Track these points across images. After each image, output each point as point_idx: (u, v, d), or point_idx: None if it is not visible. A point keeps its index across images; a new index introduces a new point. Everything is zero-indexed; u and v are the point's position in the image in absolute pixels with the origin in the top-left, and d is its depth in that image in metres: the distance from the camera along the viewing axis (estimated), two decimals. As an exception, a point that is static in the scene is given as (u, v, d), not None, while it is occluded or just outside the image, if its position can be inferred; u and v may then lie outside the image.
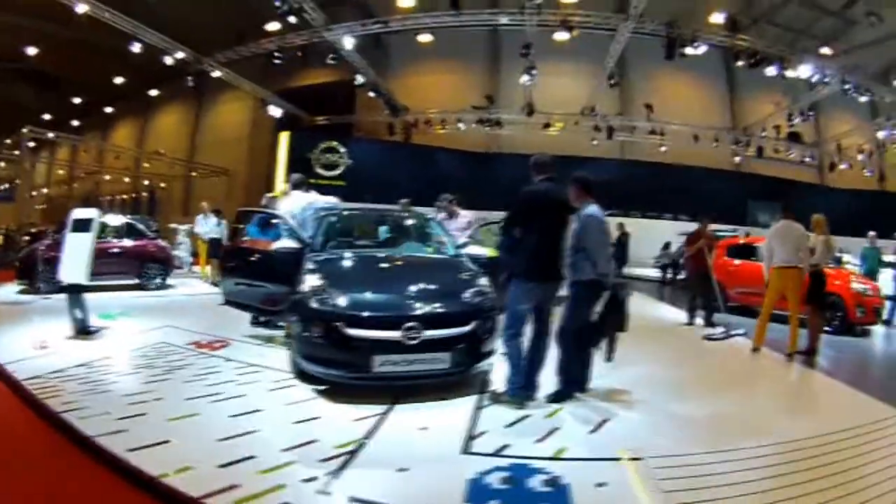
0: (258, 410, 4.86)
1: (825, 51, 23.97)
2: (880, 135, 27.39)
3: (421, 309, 5.42)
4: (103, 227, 11.66)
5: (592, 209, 5.55)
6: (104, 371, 6.00)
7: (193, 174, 35.52)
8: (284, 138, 26.37)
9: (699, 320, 10.45)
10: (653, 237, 22.18)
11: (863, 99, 24.43)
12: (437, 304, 5.55)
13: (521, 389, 5.31)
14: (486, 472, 3.82)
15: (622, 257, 16.86)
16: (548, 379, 5.53)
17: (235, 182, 32.47)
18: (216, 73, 24.28)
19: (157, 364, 6.36)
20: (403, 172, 24.38)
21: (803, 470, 4.01)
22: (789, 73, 21.15)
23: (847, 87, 21.85)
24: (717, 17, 22.11)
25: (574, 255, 5.45)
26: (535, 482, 3.72)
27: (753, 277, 10.63)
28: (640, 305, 12.78)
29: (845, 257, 15.57)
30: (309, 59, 22.47)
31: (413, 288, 5.82)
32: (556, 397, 5.43)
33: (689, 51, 19.83)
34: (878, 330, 11.73)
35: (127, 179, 39.80)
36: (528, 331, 5.51)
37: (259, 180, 28.44)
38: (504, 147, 28.14)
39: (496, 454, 4.15)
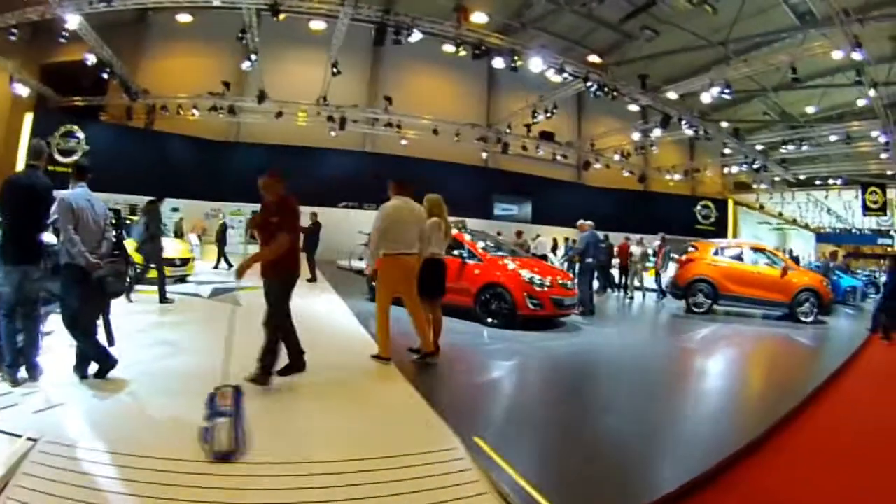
0: None
1: (593, 58, 23.75)
2: (635, 136, 28.77)
3: None
4: None
5: (67, 192, 5.62)
6: None
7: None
8: (28, 120, 23.62)
9: None
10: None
11: (633, 107, 25.43)
12: None
13: (9, 368, 5.30)
14: None
15: (314, 245, 16.26)
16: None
17: (-9, 166, 28.95)
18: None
19: None
20: (142, 160, 23.34)
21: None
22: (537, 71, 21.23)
23: (591, 86, 21.89)
24: (479, 17, 21.20)
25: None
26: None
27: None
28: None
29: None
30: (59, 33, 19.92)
31: None
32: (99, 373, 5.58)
33: (412, 39, 19.08)
34: (573, 320, 11.55)
35: None
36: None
37: (15, 166, 25.37)
38: (247, 136, 27.04)
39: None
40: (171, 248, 13.83)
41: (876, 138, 24.40)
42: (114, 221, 7.19)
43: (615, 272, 19.04)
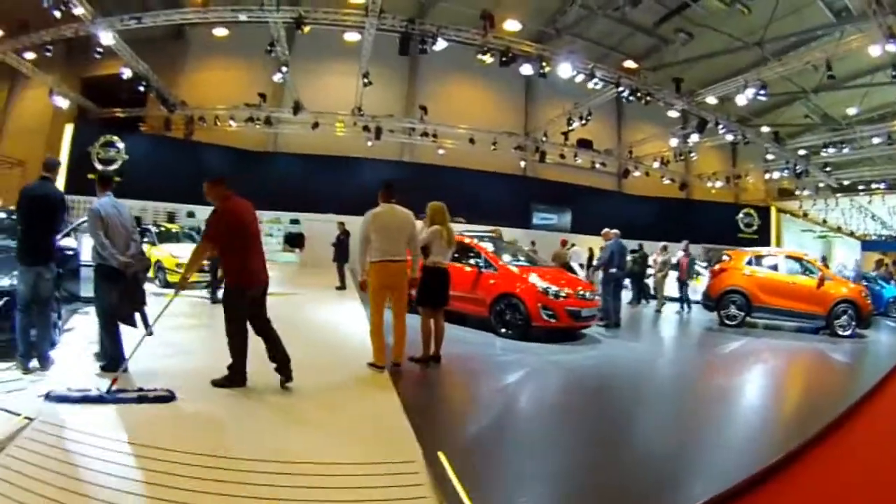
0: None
1: (629, 64, 23.70)
2: (673, 142, 27.99)
3: None
4: None
5: (96, 202, 6.12)
6: None
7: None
8: (68, 130, 24.30)
9: None
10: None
11: (673, 113, 24.72)
12: None
13: (21, 357, 5.87)
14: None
15: (344, 254, 16.75)
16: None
17: (32, 174, 29.66)
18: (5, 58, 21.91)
19: None
20: (181, 169, 23.29)
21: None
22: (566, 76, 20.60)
23: (622, 91, 21.53)
24: (512, 25, 21.19)
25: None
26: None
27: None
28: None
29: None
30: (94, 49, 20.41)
31: None
32: (107, 366, 6.00)
33: (437, 47, 18.80)
34: (595, 333, 11.28)
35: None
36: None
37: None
38: (284, 146, 27.41)
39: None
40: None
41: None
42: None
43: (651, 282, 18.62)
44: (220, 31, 22.93)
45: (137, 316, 6.20)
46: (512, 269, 10.61)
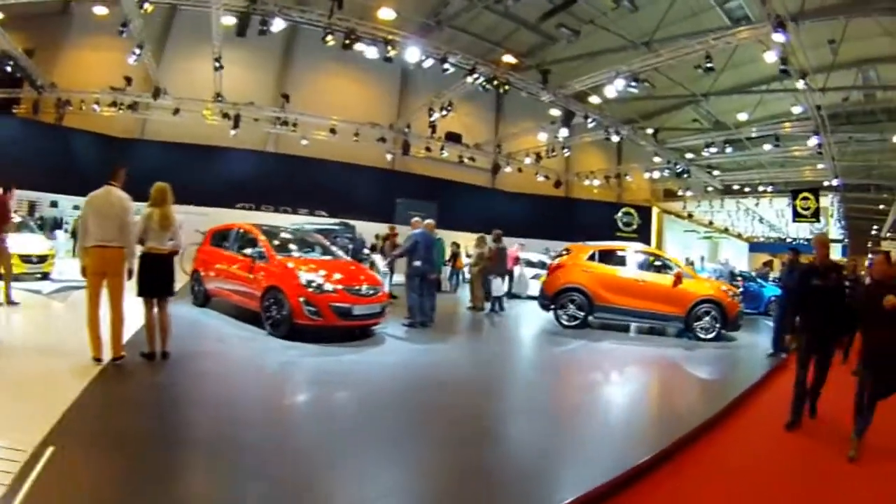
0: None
1: (508, 59, 23.39)
2: (542, 137, 27.94)
3: None
4: None
5: None
6: None
7: None
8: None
9: None
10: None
11: (555, 111, 24.68)
12: None
13: None
14: None
15: None
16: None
17: None
18: None
19: None
20: (48, 157, 22.97)
21: None
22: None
23: (477, 79, 21.15)
24: (387, 14, 20.70)
25: None
26: None
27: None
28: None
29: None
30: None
31: None
32: None
33: (275, 28, 18.19)
34: (392, 333, 10.66)
35: None
36: None
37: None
38: (153, 134, 26.56)
39: None
40: (31, 244, 13.73)
41: (809, 145, 23.74)
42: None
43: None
44: (100, 10, 21.97)
45: None
46: (284, 262, 9.85)
